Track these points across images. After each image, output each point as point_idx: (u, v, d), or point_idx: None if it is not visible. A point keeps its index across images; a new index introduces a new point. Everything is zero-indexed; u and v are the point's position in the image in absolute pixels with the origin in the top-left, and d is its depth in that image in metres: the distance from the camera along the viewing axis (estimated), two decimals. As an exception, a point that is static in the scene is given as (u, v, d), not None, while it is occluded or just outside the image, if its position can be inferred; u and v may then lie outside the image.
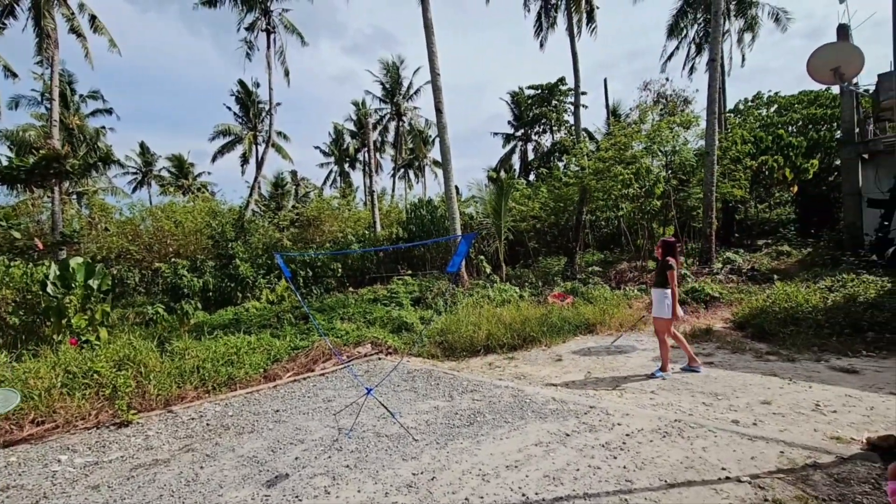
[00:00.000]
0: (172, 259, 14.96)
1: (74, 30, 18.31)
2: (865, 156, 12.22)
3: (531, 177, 29.78)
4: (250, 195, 20.16)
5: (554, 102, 30.94)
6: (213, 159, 34.57)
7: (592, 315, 8.33)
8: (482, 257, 14.12)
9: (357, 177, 42.41)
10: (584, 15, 22.44)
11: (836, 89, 16.49)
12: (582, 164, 14.87)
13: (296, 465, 3.69)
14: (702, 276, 11.12)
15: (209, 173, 61.87)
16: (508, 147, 35.24)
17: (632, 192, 13.71)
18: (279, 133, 33.88)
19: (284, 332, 8.70)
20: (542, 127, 32.65)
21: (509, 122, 34.75)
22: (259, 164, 23.92)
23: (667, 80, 35.13)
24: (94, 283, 8.48)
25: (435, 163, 39.83)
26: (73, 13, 18.22)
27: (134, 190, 39.12)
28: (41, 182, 11.25)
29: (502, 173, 29.32)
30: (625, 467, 3.26)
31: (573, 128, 29.05)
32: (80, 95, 29.07)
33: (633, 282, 11.78)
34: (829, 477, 2.94)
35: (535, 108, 31.83)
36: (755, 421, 3.98)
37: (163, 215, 17.75)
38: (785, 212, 16.21)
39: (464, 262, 13.77)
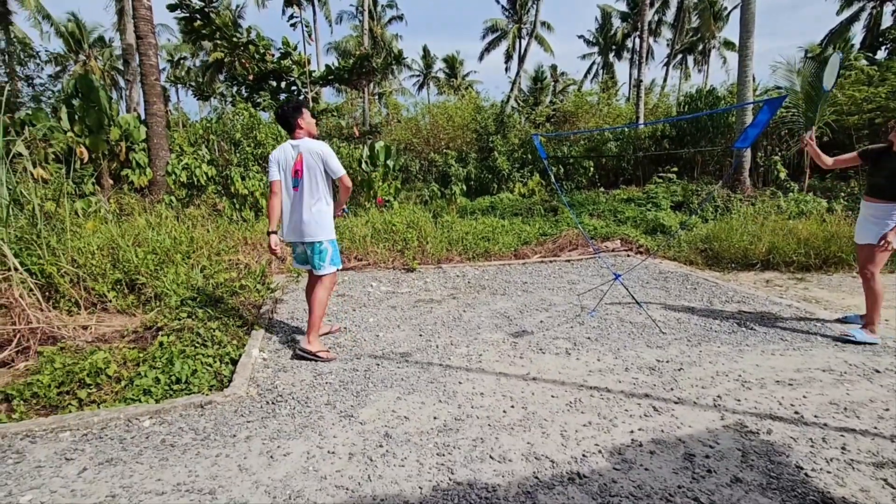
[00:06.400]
0: (444, 150, 17.08)
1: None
2: None
3: (879, 54, 21.13)
4: (511, 90, 20.63)
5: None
6: (481, 57, 36.44)
7: (954, 243, 5.84)
8: (776, 159, 11.31)
9: (622, 68, 38.71)
10: None
11: None
12: None
13: (540, 326, 4.01)
14: None
15: (476, 72, 65.99)
16: (849, 11, 25.41)
17: None
18: (543, 23, 32.75)
19: (534, 221, 9.14)
20: (918, -26, 21.99)
21: (857, -26, 24.60)
22: (521, 59, 23.95)
23: None
24: (391, 162, 10.47)
25: (726, 44, 32.24)
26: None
27: (419, 90, 45.05)
28: (357, 80, 14.00)
29: (830, 51, 21.70)
30: (976, 429, 2.37)
31: None
32: (381, 5, 33.87)
33: None
34: None
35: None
36: None
37: (438, 111, 20.16)
38: None
39: (748, 166, 11.33)
